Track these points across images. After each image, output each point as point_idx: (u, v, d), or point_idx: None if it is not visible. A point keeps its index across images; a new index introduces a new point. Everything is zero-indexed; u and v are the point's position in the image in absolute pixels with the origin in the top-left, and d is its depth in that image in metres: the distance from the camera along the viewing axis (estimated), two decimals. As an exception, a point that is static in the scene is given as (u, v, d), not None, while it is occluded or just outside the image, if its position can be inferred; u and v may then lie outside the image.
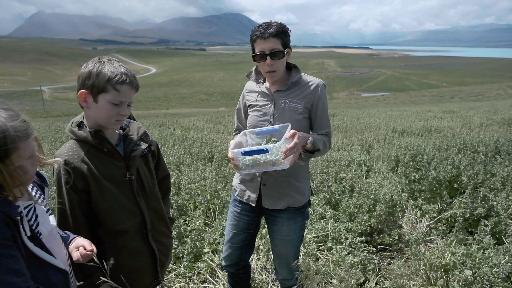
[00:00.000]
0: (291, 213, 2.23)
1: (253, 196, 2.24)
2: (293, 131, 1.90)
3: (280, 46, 2.05)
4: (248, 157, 1.95)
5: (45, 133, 11.33)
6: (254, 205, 2.26)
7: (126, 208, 1.69)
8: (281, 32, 2.04)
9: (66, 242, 1.52)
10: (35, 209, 1.36)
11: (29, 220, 1.31)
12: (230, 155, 1.98)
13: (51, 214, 1.46)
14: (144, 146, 1.77)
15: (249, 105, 2.30)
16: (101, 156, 1.63)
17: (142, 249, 1.77)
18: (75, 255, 1.46)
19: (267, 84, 2.24)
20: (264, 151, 1.88)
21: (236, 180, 2.38)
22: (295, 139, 1.88)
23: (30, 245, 1.26)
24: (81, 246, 1.47)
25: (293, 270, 2.24)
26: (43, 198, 1.45)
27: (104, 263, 1.49)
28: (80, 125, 1.64)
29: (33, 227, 1.33)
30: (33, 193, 1.40)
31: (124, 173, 1.68)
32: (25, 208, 1.31)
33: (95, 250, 1.47)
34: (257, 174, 2.18)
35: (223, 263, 2.47)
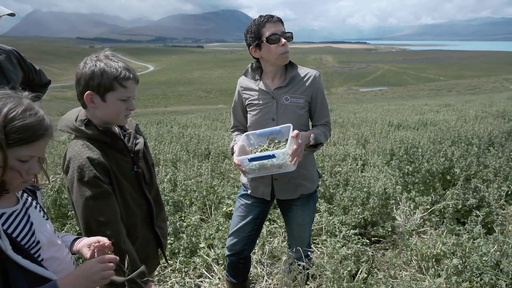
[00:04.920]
0: (304, 200, 2.35)
1: (267, 190, 2.32)
2: (296, 132, 1.94)
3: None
4: (255, 162, 1.99)
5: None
6: (269, 199, 2.34)
7: (136, 201, 1.75)
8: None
9: (67, 243, 1.47)
10: (29, 217, 1.27)
11: (23, 228, 1.23)
12: (236, 161, 2.02)
13: (47, 219, 1.39)
14: (141, 139, 1.84)
15: (248, 104, 2.30)
16: (111, 153, 1.66)
17: (149, 237, 1.87)
18: (86, 252, 1.41)
19: (265, 81, 2.25)
20: (271, 156, 1.92)
21: (245, 179, 2.40)
22: (298, 141, 1.94)
23: (18, 258, 1.15)
24: (94, 242, 1.36)
25: (307, 249, 2.50)
26: (36, 203, 1.37)
27: (126, 260, 1.49)
28: (87, 123, 1.62)
29: (27, 237, 1.23)
30: (25, 199, 1.32)
31: (131, 167, 1.74)
32: (10, 215, 1.22)
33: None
34: None
35: (226, 252, 2.52)
